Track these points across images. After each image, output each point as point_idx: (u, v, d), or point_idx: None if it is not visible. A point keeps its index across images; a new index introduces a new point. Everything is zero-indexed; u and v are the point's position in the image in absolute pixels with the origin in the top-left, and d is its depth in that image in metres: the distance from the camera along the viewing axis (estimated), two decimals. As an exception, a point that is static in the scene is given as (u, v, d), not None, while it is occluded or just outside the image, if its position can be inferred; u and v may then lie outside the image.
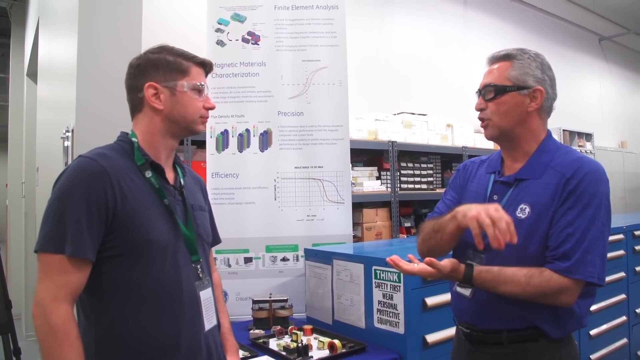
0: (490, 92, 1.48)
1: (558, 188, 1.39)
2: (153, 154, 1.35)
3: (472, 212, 1.32)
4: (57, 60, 3.64)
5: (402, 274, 1.98)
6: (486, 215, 1.28)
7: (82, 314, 1.27)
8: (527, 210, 1.42)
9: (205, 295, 1.38)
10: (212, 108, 1.42)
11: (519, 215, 1.42)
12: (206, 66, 1.45)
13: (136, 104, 1.38)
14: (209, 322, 1.38)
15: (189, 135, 1.44)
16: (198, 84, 1.38)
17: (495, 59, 1.53)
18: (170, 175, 1.40)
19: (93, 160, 1.25)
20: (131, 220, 1.24)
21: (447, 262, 1.39)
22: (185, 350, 1.29)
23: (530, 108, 1.46)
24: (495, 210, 1.29)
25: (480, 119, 1.53)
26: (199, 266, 1.38)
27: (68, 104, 2.88)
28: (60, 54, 3.43)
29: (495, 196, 1.51)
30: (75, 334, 1.17)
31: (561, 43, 7.29)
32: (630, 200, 7.56)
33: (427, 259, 1.38)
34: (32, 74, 5.83)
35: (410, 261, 1.43)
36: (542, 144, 1.49)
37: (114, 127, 1.53)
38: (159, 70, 1.35)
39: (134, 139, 1.35)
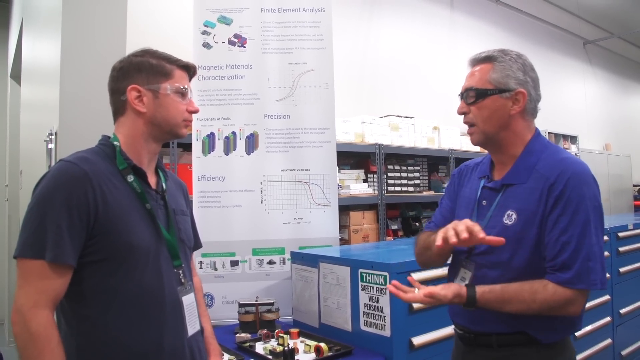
0: (472, 96, 1.46)
1: (543, 193, 1.37)
2: (135, 157, 1.34)
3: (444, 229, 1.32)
4: (41, 61, 3.60)
5: (387, 277, 1.98)
6: (452, 227, 1.29)
7: (63, 320, 1.25)
8: (514, 216, 1.40)
9: (188, 300, 1.37)
10: (196, 111, 1.42)
11: (505, 221, 1.41)
12: (190, 69, 1.43)
13: (119, 107, 1.36)
14: (192, 327, 1.37)
15: (172, 139, 1.43)
16: (181, 87, 1.37)
17: (476, 61, 1.50)
18: (152, 180, 1.39)
19: (74, 164, 1.23)
20: (113, 225, 1.22)
21: (447, 291, 1.36)
22: (169, 356, 1.27)
23: (513, 111, 1.43)
24: (462, 223, 1.29)
25: (466, 123, 1.51)
26: (180, 271, 1.37)
27: (51, 106, 2.85)
28: (44, 55, 3.40)
29: (484, 201, 1.49)
30: (56, 341, 1.16)
31: (546, 46, 7.36)
32: (614, 202, 7.65)
33: (427, 291, 1.35)
34: (16, 76, 5.76)
35: (411, 285, 1.41)
36: (529, 145, 1.46)
37: (98, 129, 1.50)
38: (142, 73, 1.33)
39: (115, 143, 1.33)
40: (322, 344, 2.02)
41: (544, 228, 1.36)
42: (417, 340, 2.01)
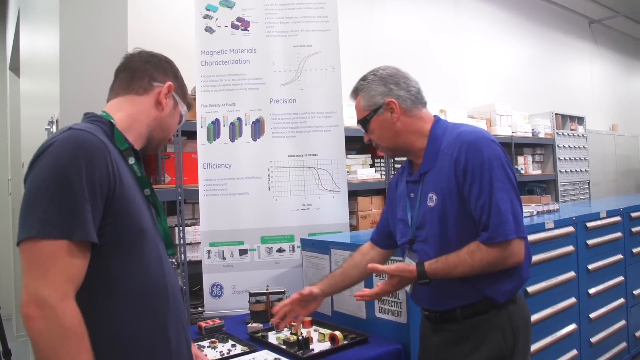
0: (362, 127, 1.64)
1: (450, 169, 1.49)
2: (133, 140, 1.26)
3: None
4: (40, 53, 3.52)
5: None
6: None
7: None
8: (434, 197, 1.53)
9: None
10: (171, 141, 1.46)
11: (429, 204, 1.55)
12: (189, 107, 1.49)
13: (139, 86, 1.30)
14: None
15: (149, 148, 1.36)
16: (184, 114, 1.43)
17: (352, 98, 1.68)
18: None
19: (91, 133, 1.10)
20: (126, 206, 1.12)
21: (393, 266, 1.53)
22: (175, 349, 1.21)
23: (394, 119, 1.57)
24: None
25: (375, 147, 1.69)
26: (173, 260, 1.31)
27: (52, 98, 2.78)
28: (43, 46, 3.32)
29: (411, 194, 1.63)
30: (87, 336, 1.04)
31: (551, 27, 7.25)
32: (622, 182, 7.58)
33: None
34: (15, 68, 5.68)
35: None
36: (431, 134, 1.59)
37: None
38: (177, 82, 1.38)
39: (112, 120, 1.23)
40: (337, 332, 1.97)
41: (466, 199, 1.47)
42: (434, 326, 1.95)
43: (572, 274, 2.86)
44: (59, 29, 2.54)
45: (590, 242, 3.03)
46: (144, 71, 1.31)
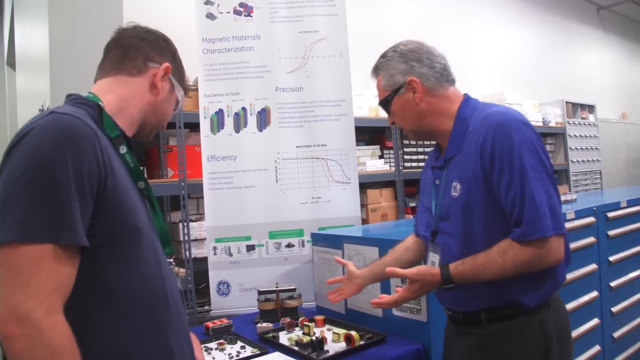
0: (384, 109, 1.54)
1: (476, 156, 1.34)
2: (123, 127, 1.12)
3: None
4: (32, 47, 3.39)
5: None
6: None
7: None
8: (458, 187, 1.39)
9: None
10: (164, 129, 1.32)
11: (453, 194, 1.40)
12: (186, 93, 1.34)
13: (134, 67, 1.15)
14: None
15: (141, 136, 1.21)
16: (181, 100, 1.29)
17: (373, 77, 1.56)
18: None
19: (77, 118, 0.94)
20: (119, 201, 0.97)
21: (414, 269, 1.39)
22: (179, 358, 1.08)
23: (417, 99, 1.45)
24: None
25: (399, 129, 1.57)
26: (171, 260, 1.19)
27: (43, 91, 2.65)
28: (33, 38, 3.19)
29: (437, 181, 1.49)
30: (79, 356, 0.89)
31: (559, 13, 7.11)
32: (632, 171, 7.43)
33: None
34: (12, 63, 5.56)
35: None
36: (458, 115, 1.45)
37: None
38: (176, 63, 1.25)
39: (101, 103, 1.08)
40: (353, 332, 1.85)
41: (495, 189, 1.32)
42: (457, 324, 1.84)
43: (593, 266, 2.73)
44: (48, 19, 2.40)
45: (611, 232, 2.89)
46: (138, 49, 1.16)
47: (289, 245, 2.61)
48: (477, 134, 1.36)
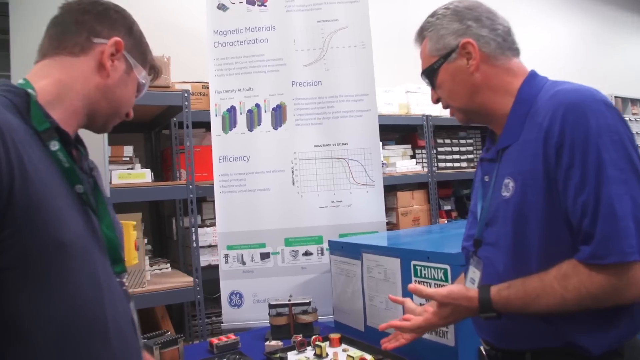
0: (428, 81, 1.24)
1: (538, 144, 1.03)
2: (61, 118, 0.92)
3: None
4: None
5: (448, 271, 1.56)
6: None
7: None
8: (511, 185, 1.09)
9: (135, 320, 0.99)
10: (130, 118, 1.09)
11: (504, 195, 1.11)
12: (156, 73, 1.15)
13: (75, 44, 0.97)
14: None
15: (94, 127, 1.03)
16: (145, 82, 1.09)
17: (417, 43, 1.28)
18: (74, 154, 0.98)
19: None
20: (34, 211, 0.78)
21: (444, 289, 1.14)
22: None
23: (472, 67, 1.15)
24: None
25: (445, 108, 1.26)
26: (124, 280, 0.98)
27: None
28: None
29: (486, 177, 1.20)
30: None
31: (605, 2, 6.70)
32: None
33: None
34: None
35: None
36: (519, 93, 1.14)
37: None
38: (131, 38, 1.04)
39: (30, 91, 0.89)
40: (368, 357, 1.62)
41: (560, 191, 1.01)
42: (490, 349, 1.58)
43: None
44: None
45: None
46: (81, 23, 0.97)
47: (306, 254, 2.43)
48: (541, 117, 1.05)
